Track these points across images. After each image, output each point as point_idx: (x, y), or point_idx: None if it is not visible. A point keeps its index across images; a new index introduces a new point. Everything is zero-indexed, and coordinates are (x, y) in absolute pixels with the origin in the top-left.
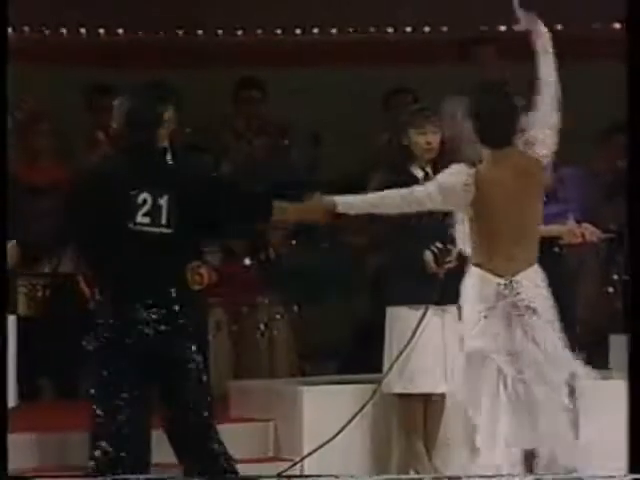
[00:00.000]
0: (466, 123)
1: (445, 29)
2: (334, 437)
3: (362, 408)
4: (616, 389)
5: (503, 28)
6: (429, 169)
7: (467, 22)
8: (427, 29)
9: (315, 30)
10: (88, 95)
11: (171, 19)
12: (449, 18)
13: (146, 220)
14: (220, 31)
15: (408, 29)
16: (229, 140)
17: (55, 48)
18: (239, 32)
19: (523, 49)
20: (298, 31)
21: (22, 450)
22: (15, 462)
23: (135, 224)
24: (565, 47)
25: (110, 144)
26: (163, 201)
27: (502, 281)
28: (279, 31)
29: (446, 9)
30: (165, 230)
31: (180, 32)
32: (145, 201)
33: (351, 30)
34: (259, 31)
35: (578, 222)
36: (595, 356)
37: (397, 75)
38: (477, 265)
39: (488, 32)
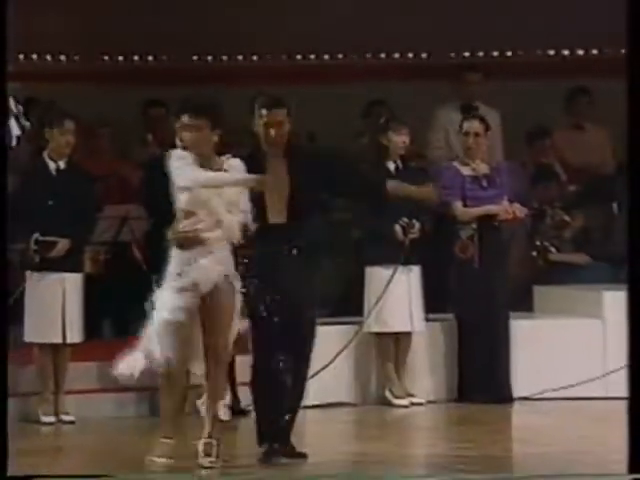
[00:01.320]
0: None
1: (425, 55)
2: (328, 365)
3: (348, 343)
4: (539, 327)
5: (481, 54)
6: (399, 162)
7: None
8: (410, 55)
9: (312, 56)
10: (141, 107)
11: (202, 47)
12: (434, 45)
13: None
14: (240, 57)
15: (396, 55)
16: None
17: (112, 72)
18: (254, 57)
19: (500, 71)
20: (299, 57)
21: (84, 376)
22: (78, 384)
23: None
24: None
25: (156, 144)
26: None
27: None
28: (284, 57)
29: (433, 40)
30: None
31: (209, 58)
32: None
33: (341, 56)
34: (268, 56)
35: (510, 202)
36: (523, 302)
37: (382, 89)
38: None
39: (471, 58)
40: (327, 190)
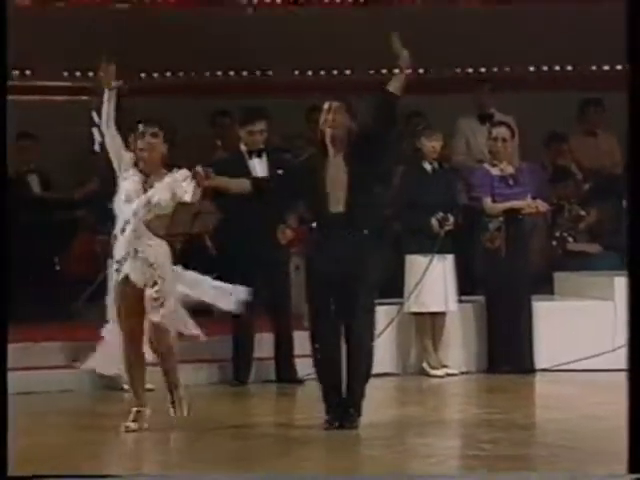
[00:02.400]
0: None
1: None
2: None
3: (391, 322)
4: (558, 308)
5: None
6: (435, 164)
7: (467, 64)
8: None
9: (348, 71)
10: (210, 117)
11: (262, 64)
12: (454, 61)
13: None
14: (297, 72)
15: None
16: (303, 144)
17: (184, 85)
18: (296, 72)
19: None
20: (335, 72)
21: None
22: None
23: None
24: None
25: (224, 148)
26: None
27: None
28: (322, 72)
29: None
30: None
31: (259, 72)
32: None
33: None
34: (309, 72)
35: (533, 198)
36: (544, 286)
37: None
38: None
39: (486, 73)
40: (379, 183)
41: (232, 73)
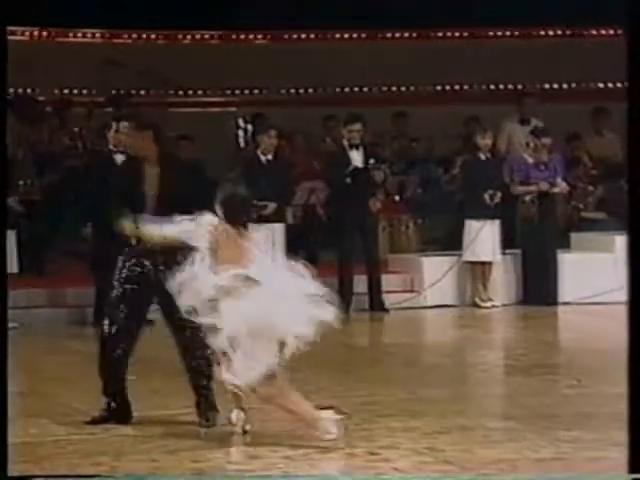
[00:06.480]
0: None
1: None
2: (440, 279)
3: (452, 267)
4: (575, 258)
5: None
6: (489, 154)
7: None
8: (483, 87)
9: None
10: (322, 120)
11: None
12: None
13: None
14: (338, 88)
15: (476, 86)
16: (389, 140)
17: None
18: (346, 89)
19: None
20: (394, 88)
21: None
22: None
23: None
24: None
25: (334, 142)
26: None
27: None
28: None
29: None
30: None
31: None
32: None
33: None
34: (394, 87)
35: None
36: (564, 242)
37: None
38: None
39: (529, 87)
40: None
41: (338, 89)
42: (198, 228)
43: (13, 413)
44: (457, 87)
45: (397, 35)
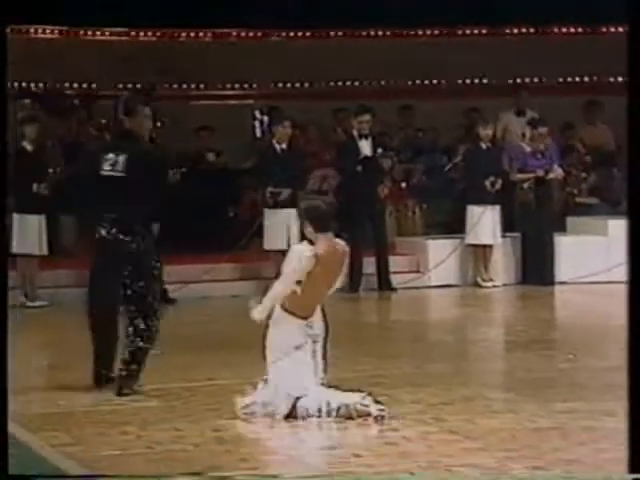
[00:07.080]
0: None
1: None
2: (444, 261)
3: (455, 249)
4: (570, 241)
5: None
6: (489, 144)
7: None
8: (485, 80)
9: (425, 81)
10: (333, 112)
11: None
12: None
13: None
14: (349, 82)
15: (476, 80)
16: (397, 130)
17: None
18: (356, 83)
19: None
20: (405, 82)
21: None
22: None
23: None
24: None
25: (344, 132)
26: None
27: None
28: (373, 82)
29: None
30: None
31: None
32: None
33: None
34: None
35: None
36: (560, 226)
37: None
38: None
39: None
40: None
41: (348, 83)
42: (298, 264)
43: (44, 385)
44: (459, 81)
45: (404, 33)
